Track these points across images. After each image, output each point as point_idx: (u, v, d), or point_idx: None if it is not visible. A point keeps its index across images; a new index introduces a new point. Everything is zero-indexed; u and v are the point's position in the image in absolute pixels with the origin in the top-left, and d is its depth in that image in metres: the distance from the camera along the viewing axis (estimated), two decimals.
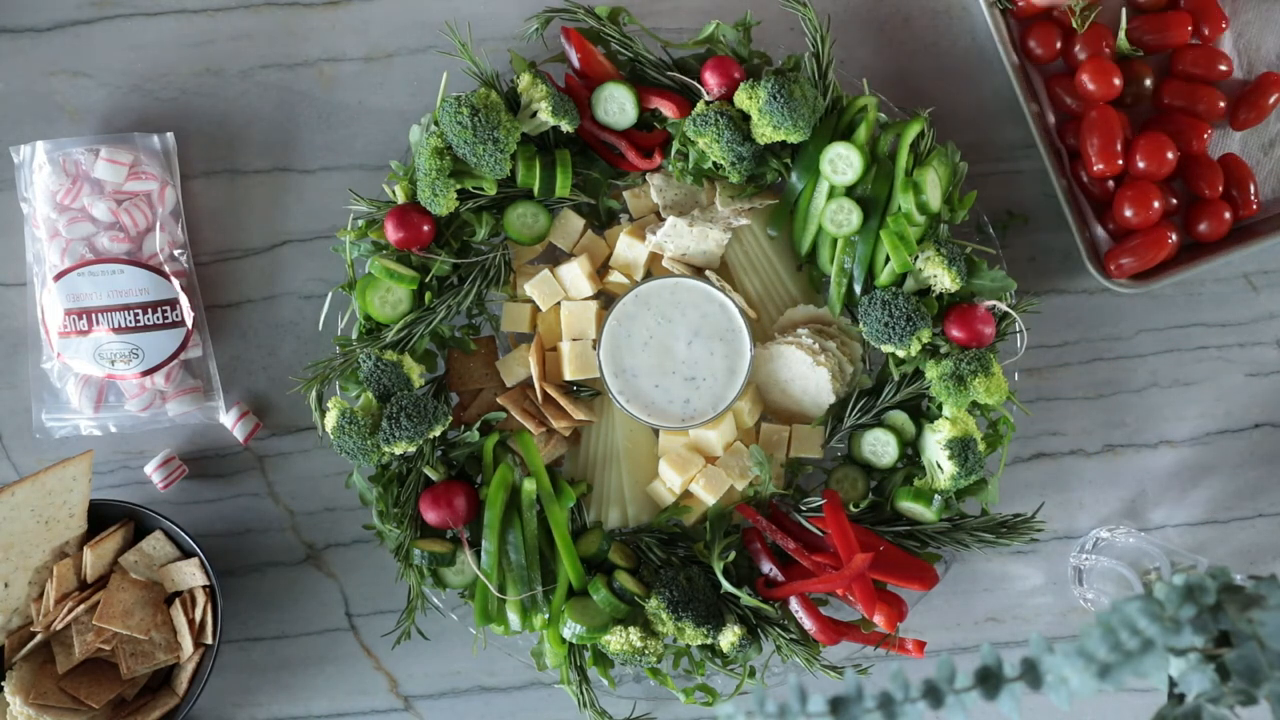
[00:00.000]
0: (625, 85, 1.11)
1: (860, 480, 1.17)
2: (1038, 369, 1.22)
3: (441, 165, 1.08)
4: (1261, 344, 1.23)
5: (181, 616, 1.12)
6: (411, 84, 1.20)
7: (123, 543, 1.14)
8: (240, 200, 1.21)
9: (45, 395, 1.17)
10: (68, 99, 1.20)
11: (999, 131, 1.21)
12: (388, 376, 1.10)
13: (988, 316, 1.11)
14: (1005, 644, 1.23)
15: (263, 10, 1.20)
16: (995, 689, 0.69)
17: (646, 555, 1.16)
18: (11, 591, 1.09)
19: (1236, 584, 0.72)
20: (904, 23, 1.21)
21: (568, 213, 1.17)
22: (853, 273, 1.14)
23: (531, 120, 1.10)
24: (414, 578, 1.14)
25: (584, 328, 1.16)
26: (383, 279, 1.11)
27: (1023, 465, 1.23)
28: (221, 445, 1.21)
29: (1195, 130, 1.16)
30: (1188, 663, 0.70)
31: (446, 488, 1.13)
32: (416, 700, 1.23)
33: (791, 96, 1.06)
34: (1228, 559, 1.23)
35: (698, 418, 1.14)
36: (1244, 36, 1.19)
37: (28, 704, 1.07)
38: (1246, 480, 1.23)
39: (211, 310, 1.20)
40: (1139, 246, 1.15)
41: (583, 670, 1.15)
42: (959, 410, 1.11)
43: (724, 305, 1.14)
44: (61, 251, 1.13)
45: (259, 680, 1.23)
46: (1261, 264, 1.23)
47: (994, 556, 1.23)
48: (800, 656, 1.13)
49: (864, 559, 1.07)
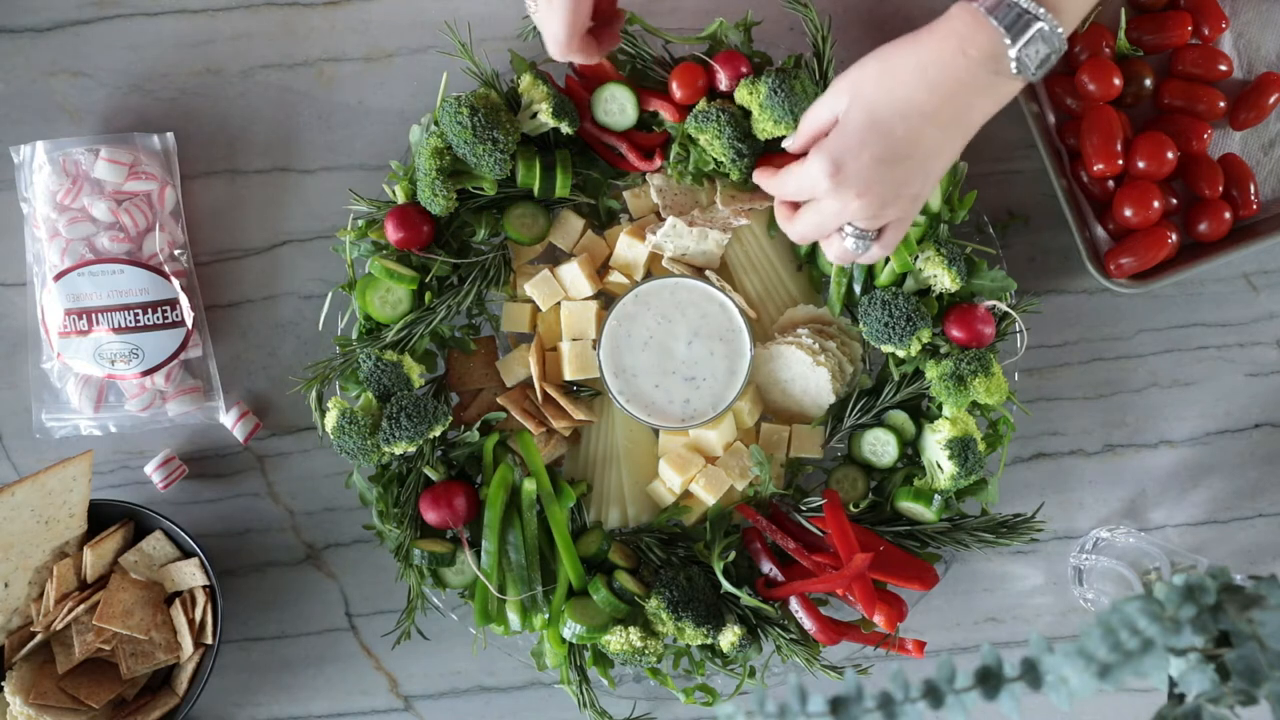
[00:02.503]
0: (625, 86, 1.11)
1: (860, 480, 1.17)
2: (1038, 369, 1.22)
3: (441, 165, 1.08)
4: (1261, 344, 1.23)
5: (181, 616, 1.12)
6: (411, 84, 1.20)
7: (123, 543, 1.14)
8: (240, 200, 1.21)
9: (45, 395, 1.17)
10: (68, 99, 1.20)
11: (999, 131, 1.20)
12: (388, 376, 1.10)
13: (988, 316, 1.11)
14: (1005, 644, 1.23)
15: (263, 10, 1.20)
16: (995, 689, 0.69)
17: (646, 555, 1.16)
18: (11, 591, 1.09)
19: (1236, 584, 0.72)
20: (904, 23, 1.21)
21: (568, 213, 1.17)
22: (853, 273, 1.14)
23: (531, 121, 1.10)
24: (414, 578, 1.14)
25: (584, 328, 1.16)
26: (383, 279, 1.11)
27: (1023, 465, 1.23)
28: (221, 445, 1.21)
29: (1195, 130, 1.16)
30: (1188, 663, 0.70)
31: (446, 488, 1.13)
32: (416, 700, 1.23)
33: (792, 91, 1.06)
34: (1228, 559, 1.23)
35: (698, 418, 1.14)
36: (1244, 36, 1.19)
37: (28, 704, 1.08)
38: (1246, 480, 1.23)
39: (211, 310, 1.20)
40: (1139, 246, 1.15)
41: (583, 670, 1.15)
42: (959, 410, 1.11)
43: (724, 305, 1.14)
44: (61, 251, 1.13)
45: (259, 680, 1.23)
46: (1261, 264, 1.23)
47: (994, 556, 1.23)
48: (800, 656, 1.13)
49: (864, 559, 1.07)
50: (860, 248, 0.99)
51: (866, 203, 0.94)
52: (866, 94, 0.92)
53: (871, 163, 0.92)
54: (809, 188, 0.96)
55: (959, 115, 0.92)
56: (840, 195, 0.94)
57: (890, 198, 0.94)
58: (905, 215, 0.98)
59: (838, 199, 0.94)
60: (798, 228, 1.01)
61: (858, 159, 0.92)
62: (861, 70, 0.93)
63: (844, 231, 0.99)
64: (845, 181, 0.93)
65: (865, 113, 0.92)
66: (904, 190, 0.94)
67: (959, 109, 0.91)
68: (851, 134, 0.92)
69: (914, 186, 0.95)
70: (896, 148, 0.91)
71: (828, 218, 0.97)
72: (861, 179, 0.93)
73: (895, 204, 0.95)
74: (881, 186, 0.93)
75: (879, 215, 0.96)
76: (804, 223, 1.00)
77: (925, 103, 0.90)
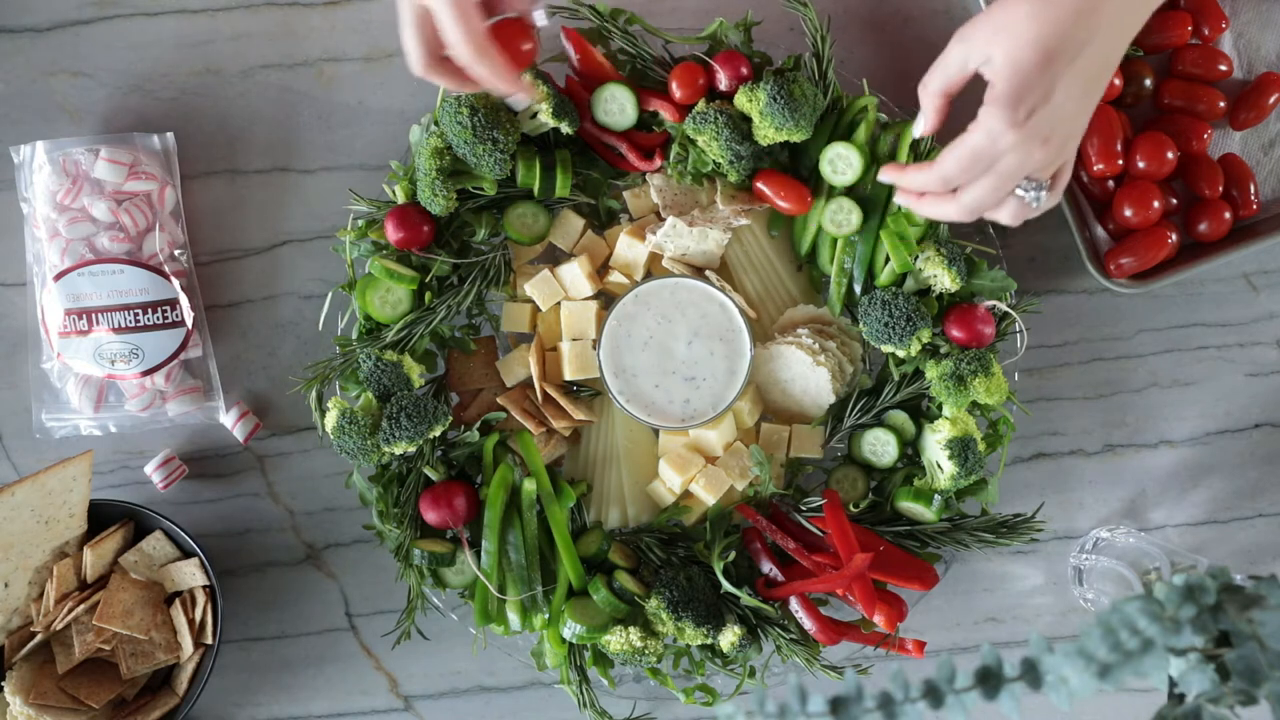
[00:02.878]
0: (625, 86, 1.11)
1: (860, 480, 1.17)
2: (1038, 369, 1.22)
3: (441, 165, 1.08)
4: (1261, 344, 1.23)
5: (181, 616, 1.12)
6: (411, 84, 1.20)
7: (123, 543, 1.14)
8: (240, 200, 1.21)
9: (45, 395, 1.17)
10: (68, 99, 1.20)
11: None
12: (388, 376, 1.10)
13: (988, 316, 1.11)
14: (1005, 644, 1.23)
15: (263, 10, 1.20)
16: (995, 689, 0.69)
17: (646, 555, 1.16)
18: (11, 591, 1.09)
19: (1236, 584, 0.72)
20: (904, 23, 1.21)
21: (568, 213, 1.17)
22: (853, 273, 1.14)
23: (531, 121, 1.10)
24: (414, 578, 1.14)
25: (584, 328, 1.16)
26: (383, 279, 1.11)
27: (1023, 465, 1.23)
28: (221, 445, 1.21)
29: (1195, 130, 1.16)
30: (1188, 663, 0.70)
31: (446, 488, 1.13)
32: (416, 700, 1.23)
33: (792, 96, 1.06)
34: (1228, 559, 1.23)
35: (698, 418, 1.14)
36: (1244, 36, 1.19)
37: (28, 704, 1.08)
38: (1246, 480, 1.23)
39: (211, 310, 1.20)
40: (1139, 246, 1.15)
41: (583, 670, 1.15)
42: (959, 410, 1.11)
43: (724, 305, 1.14)
44: (61, 251, 1.13)
45: (259, 680, 1.23)
46: (1261, 264, 1.23)
47: (994, 556, 1.23)
48: (800, 656, 1.13)
49: (864, 559, 1.07)
50: (1037, 201, 0.92)
51: (1052, 147, 0.87)
52: (1027, 31, 0.84)
53: (1063, 99, 0.85)
54: (986, 150, 0.88)
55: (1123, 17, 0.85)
56: (1025, 146, 0.87)
57: (1074, 133, 0.88)
58: (1073, 154, 0.92)
59: (1020, 151, 0.87)
60: (967, 201, 0.92)
61: (1046, 100, 0.85)
62: (1005, 12, 0.86)
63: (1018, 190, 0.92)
64: (1033, 128, 0.86)
65: (1036, 49, 0.84)
66: (1080, 121, 0.88)
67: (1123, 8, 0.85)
68: (1028, 75, 0.84)
69: (1087, 115, 0.88)
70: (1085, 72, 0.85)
71: (1007, 176, 0.89)
72: (1049, 121, 0.86)
73: (1073, 140, 0.90)
74: (1067, 124, 0.87)
75: (1059, 157, 0.89)
76: (977, 191, 0.91)
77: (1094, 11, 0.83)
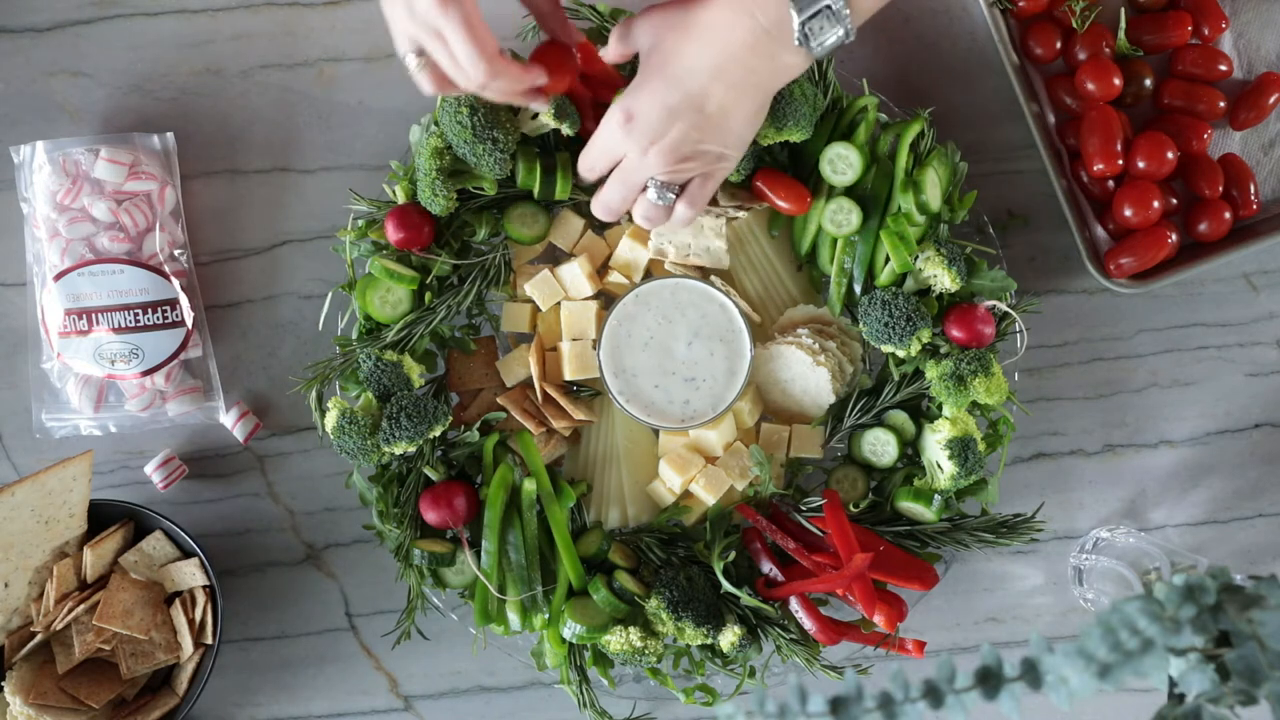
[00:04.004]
0: None
1: (860, 480, 1.17)
2: (1038, 369, 1.22)
3: (441, 165, 1.08)
4: (1261, 344, 1.23)
5: (181, 616, 1.12)
6: (411, 84, 1.20)
7: (123, 543, 1.14)
8: (240, 200, 1.21)
9: (45, 395, 1.17)
10: (68, 99, 1.20)
11: (999, 131, 1.21)
12: (388, 376, 1.10)
13: (988, 316, 1.11)
14: (1005, 644, 1.23)
15: (263, 10, 1.20)
16: (995, 689, 0.69)
17: (646, 555, 1.16)
18: (11, 591, 1.09)
19: (1236, 584, 0.72)
20: (904, 23, 1.21)
21: (568, 213, 1.17)
22: (853, 273, 1.14)
23: (532, 122, 1.10)
24: (414, 578, 1.14)
25: (584, 328, 1.16)
26: (383, 279, 1.11)
27: (1023, 465, 1.23)
28: (221, 445, 1.21)
29: (1195, 130, 1.16)
30: (1188, 663, 0.70)
31: (446, 488, 1.13)
32: (416, 700, 1.23)
33: (792, 97, 1.06)
34: (1228, 559, 1.23)
35: (698, 418, 1.14)
36: (1244, 36, 1.19)
37: (28, 704, 1.08)
38: (1246, 480, 1.23)
39: (211, 310, 1.20)
40: (1139, 246, 1.15)
41: (583, 670, 1.15)
42: (959, 410, 1.11)
43: (724, 306, 1.14)
44: (61, 251, 1.13)
45: (259, 680, 1.23)
46: (1261, 264, 1.23)
47: (994, 556, 1.23)
48: (800, 656, 1.13)
49: (864, 559, 1.07)
50: (662, 199, 0.99)
51: (661, 153, 0.94)
52: (665, 43, 0.93)
53: (664, 112, 0.92)
54: (611, 144, 0.96)
55: (746, 77, 0.92)
56: (636, 145, 0.94)
57: (688, 151, 0.94)
58: (709, 173, 0.99)
59: (635, 150, 0.95)
60: (604, 195, 1.01)
61: (651, 108, 0.92)
62: (665, 17, 0.94)
63: (646, 188, 1.00)
64: (638, 130, 0.93)
65: (660, 62, 0.93)
66: (701, 146, 0.95)
67: (745, 70, 0.91)
68: (645, 83, 0.93)
69: (712, 143, 0.95)
70: (686, 100, 0.91)
71: (629, 173, 0.97)
72: (654, 128, 0.93)
73: (695, 160, 0.96)
74: (675, 138, 0.93)
75: (678, 169, 0.96)
76: (609, 187, 1.00)
77: (713, 59, 0.90)
